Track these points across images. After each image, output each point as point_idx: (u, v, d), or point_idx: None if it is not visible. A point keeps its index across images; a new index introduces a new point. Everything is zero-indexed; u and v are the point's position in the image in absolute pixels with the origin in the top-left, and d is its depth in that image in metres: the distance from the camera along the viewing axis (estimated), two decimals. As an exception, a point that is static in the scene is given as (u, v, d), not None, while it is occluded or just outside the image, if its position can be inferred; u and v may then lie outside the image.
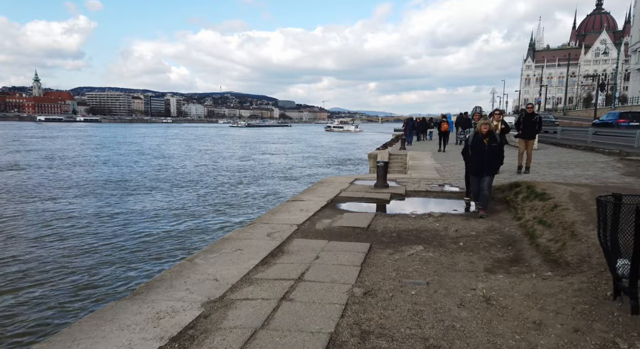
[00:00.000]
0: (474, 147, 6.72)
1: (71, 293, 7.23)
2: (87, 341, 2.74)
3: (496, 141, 6.64)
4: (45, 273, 8.12)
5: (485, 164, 6.63)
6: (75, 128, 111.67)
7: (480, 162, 6.67)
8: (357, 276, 3.97)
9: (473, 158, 6.76)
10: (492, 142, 6.61)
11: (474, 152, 6.73)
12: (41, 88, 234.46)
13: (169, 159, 34.65)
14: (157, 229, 11.95)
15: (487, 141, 6.58)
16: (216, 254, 4.60)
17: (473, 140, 6.72)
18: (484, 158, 6.62)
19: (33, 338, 5.66)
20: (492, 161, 6.65)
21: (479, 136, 6.65)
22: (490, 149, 6.61)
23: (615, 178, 9.34)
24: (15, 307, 6.62)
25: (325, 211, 6.99)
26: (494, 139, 6.63)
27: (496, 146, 6.64)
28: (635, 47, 51.40)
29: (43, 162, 29.52)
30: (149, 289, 3.61)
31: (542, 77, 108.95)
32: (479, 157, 6.65)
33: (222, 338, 2.81)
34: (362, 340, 2.81)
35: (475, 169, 6.77)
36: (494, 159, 6.67)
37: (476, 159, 6.70)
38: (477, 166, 6.73)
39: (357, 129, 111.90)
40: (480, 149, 6.64)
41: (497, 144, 6.64)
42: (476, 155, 6.69)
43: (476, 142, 6.67)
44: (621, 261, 2.99)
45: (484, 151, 6.62)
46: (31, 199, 15.93)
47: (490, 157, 6.62)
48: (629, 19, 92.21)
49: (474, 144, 6.72)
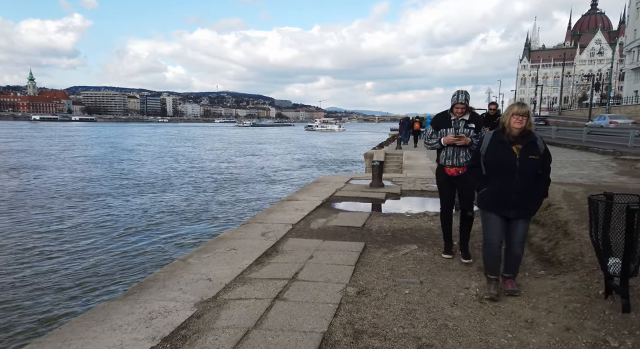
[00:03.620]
0: (495, 160, 3.38)
1: (62, 294, 7.19)
2: (77, 341, 2.72)
3: (537, 150, 3.31)
4: (34, 275, 8.06)
5: (515, 192, 3.31)
6: (61, 127, 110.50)
7: (505, 188, 3.33)
8: (351, 276, 3.97)
9: (491, 180, 3.43)
10: (530, 151, 3.29)
11: (494, 169, 3.39)
12: (36, 87, 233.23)
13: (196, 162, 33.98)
14: (153, 230, 11.91)
15: (518, 148, 3.30)
16: (210, 253, 4.59)
17: (490, 146, 3.42)
18: (514, 181, 3.30)
19: (23, 338, 5.62)
20: (527, 188, 3.32)
21: (502, 138, 3.36)
22: (525, 165, 3.28)
23: (609, 177, 9.39)
24: (4, 309, 6.57)
25: (320, 210, 6.99)
26: (532, 146, 3.31)
27: (536, 160, 3.30)
28: (630, 47, 51.76)
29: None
30: (142, 290, 3.59)
31: (537, 77, 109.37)
32: (504, 180, 3.33)
33: (214, 338, 2.80)
34: (354, 339, 2.81)
35: (496, 201, 3.40)
36: (531, 184, 3.33)
37: (498, 183, 3.37)
38: (499, 195, 3.37)
39: (340, 128, 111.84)
40: (507, 164, 3.31)
41: (537, 155, 3.31)
42: (498, 175, 3.37)
43: (498, 151, 3.37)
44: (612, 260, 3.00)
45: (513, 167, 3.29)
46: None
47: (525, 180, 3.30)
48: (623, 19, 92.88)
49: (493, 154, 3.39)
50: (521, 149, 3.26)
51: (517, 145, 3.28)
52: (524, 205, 3.33)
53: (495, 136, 3.39)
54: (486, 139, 3.44)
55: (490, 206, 3.43)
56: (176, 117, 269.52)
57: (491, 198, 3.39)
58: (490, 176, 3.40)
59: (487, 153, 3.38)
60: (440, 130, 4.22)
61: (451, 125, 4.19)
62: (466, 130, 4.16)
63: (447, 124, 4.21)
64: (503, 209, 3.36)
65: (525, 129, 3.26)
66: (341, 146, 54.64)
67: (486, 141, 3.43)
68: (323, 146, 54.52)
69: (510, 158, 3.27)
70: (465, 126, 4.17)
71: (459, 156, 4.22)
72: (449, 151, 4.22)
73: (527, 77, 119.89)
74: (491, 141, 3.39)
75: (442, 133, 4.21)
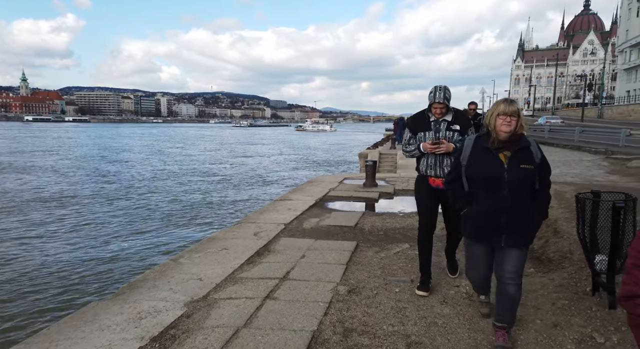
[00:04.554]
0: (478, 172, 2.62)
1: (50, 295, 7.14)
2: (65, 342, 2.71)
3: (530, 158, 2.55)
4: (22, 276, 7.99)
5: (504, 212, 2.55)
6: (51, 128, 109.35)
7: (492, 207, 2.58)
8: (342, 275, 3.98)
9: (474, 198, 2.67)
10: (522, 159, 2.54)
11: (478, 183, 2.65)
12: (29, 88, 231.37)
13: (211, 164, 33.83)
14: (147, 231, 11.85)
15: (506, 156, 2.55)
16: (201, 253, 4.58)
17: (472, 154, 2.66)
18: (502, 198, 2.54)
19: (10, 338, 5.58)
20: (520, 207, 2.55)
21: (486, 143, 2.61)
22: (516, 176, 2.52)
23: (600, 176, 9.48)
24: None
25: (313, 210, 6.99)
26: (525, 153, 2.56)
27: (529, 170, 2.54)
28: (622, 47, 52.26)
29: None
30: (132, 290, 3.58)
31: (531, 77, 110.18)
32: (490, 197, 2.58)
33: (203, 337, 2.79)
34: (344, 338, 2.82)
35: (482, 225, 2.65)
36: (524, 202, 2.56)
37: (483, 201, 2.62)
38: (485, 216, 2.62)
39: (332, 129, 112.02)
40: (492, 176, 2.56)
41: (531, 164, 2.54)
42: (483, 191, 2.62)
43: (481, 160, 2.62)
44: (599, 257, 3.04)
45: (500, 179, 2.54)
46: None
47: (516, 196, 2.53)
48: (615, 19, 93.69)
49: (476, 164, 2.64)
50: (510, 156, 2.49)
51: (505, 152, 2.51)
52: (517, 229, 2.50)
53: (478, 142, 2.61)
54: (467, 146, 2.66)
55: (474, 232, 2.67)
56: (171, 117, 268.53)
57: (475, 221, 2.62)
58: (473, 192, 2.63)
59: (469, 163, 2.61)
60: (419, 134, 3.46)
61: (430, 127, 3.42)
62: (449, 133, 3.35)
63: (425, 126, 3.44)
64: (490, 235, 2.57)
65: (515, 133, 2.49)
66: (335, 146, 54.66)
67: (467, 148, 2.65)
68: (317, 146, 54.51)
69: (496, 168, 2.49)
70: (448, 128, 3.36)
71: (442, 165, 3.36)
72: (430, 159, 3.41)
73: (520, 78, 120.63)
74: (473, 148, 2.61)
75: (421, 138, 3.45)
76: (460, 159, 2.70)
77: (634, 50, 49.09)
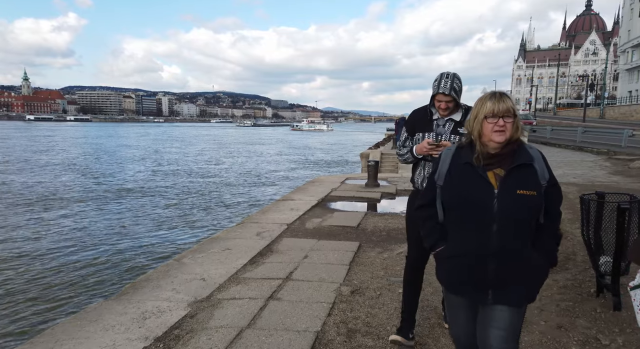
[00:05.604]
0: (458, 197, 1.72)
1: (55, 295, 7.15)
2: (70, 341, 2.71)
3: (533, 179, 1.67)
4: (26, 276, 8.01)
5: (493, 256, 1.65)
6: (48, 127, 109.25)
7: (476, 249, 1.68)
8: (345, 275, 3.98)
9: (452, 234, 1.79)
10: (521, 181, 1.65)
11: (457, 213, 1.74)
12: (30, 87, 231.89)
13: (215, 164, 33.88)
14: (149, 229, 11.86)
15: (498, 176, 1.67)
16: (204, 253, 4.58)
17: (451, 172, 1.77)
18: (491, 237, 1.65)
19: (15, 338, 5.59)
20: (515, 249, 1.66)
21: (469, 157, 1.72)
22: (510, 205, 1.63)
23: (602, 177, 9.47)
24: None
25: (316, 210, 6.99)
26: (525, 171, 1.67)
27: (532, 198, 1.64)
28: (624, 47, 52.15)
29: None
30: (135, 290, 3.58)
31: (532, 77, 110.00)
32: (474, 234, 1.68)
33: (207, 337, 2.80)
34: (348, 338, 2.81)
35: (462, 273, 1.74)
36: (521, 242, 1.67)
37: (464, 240, 1.72)
38: (466, 261, 1.71)
39: (328, 128, 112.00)
40: (477, 205, 1.67)
41: (533, 190, 1.64)
42: (464, 224, 1.72)
43: (463, 181, 1.72)
44: (604, 258, 3.03)
45: (488, 210, 1.64)
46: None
47: (510, 234, 1.65)
48: (617, 20, 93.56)
49: (455, 187, 1.73)
50: (504, 177, 1.65)
51: (496, 170, 1.68)
52: (511, 282, 1.67)
53: (459, 154, 1.77)
54: (444, 160, 1.80)
55: (450, 283, 1.81)
56: (172, 117, 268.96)
57: (452, 268, 1.76)
58: (451, 225, 1.77)
59: (446, 185, 1.75)
60: (417, 135, 2.69)
61: (432, 127, 2.64)
62: (454, 137, 2.52)
63: (426, 126, 2.66)
64: (473, 288, 1.72)
65: (510, 140, 1.67)
66: (336, 146, 54.65)
67: (444, 162, 1.80)
68: (316, 146, 54.48)
69: (482, 194, 1.65)
70: (454, 130, 2.56)
71: None
72: (429, 168, 2.58)
73: (522, 78, 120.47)
74: (452, 164, 1.76)
75: (418, 140, 2.67)
76: (434, 178, 1.82)
77: (636, 51, 48.99)
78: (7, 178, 21.91)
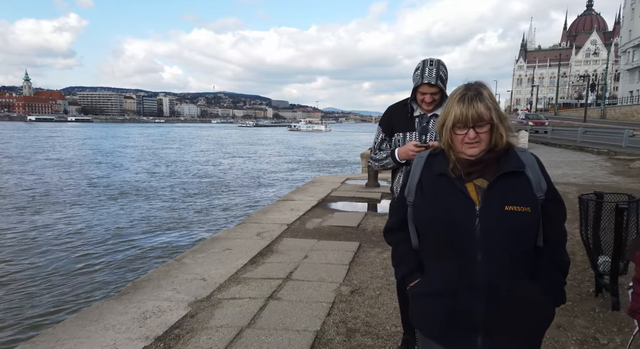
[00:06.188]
0: (429, 218, 1.33)
1: (56, 294, 7.17)
2: (71, 341, 2.73)
3: (526, 190, 1.29)
4: (26, 276, 8.03)
5: (479, 295, 1.25)
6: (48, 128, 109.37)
7: (457, 286, 1.28)
8: (345, 275, 3.99)
9: (428, 264, 1.40)
10: (509, 193, 1.27)
11: (431, 239, 1.36)
12: (31, 88, 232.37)
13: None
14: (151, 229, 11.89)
15: (479, 190, 1.29)
16: (205, 254, 4.60)
17: (423, 185, 1.38)
18: (476, 267, 1.25)
19: (16, 337, 5.61)
20: (506, 283, 1.26)
21: (443, 167, 1.35)
22: (496, 228, 1.24)
23: (603, 177, 9.47)
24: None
25: (316, 210, 7.01)
26: (514, 181, 1.29)
27: (525, 215, 1.25)
28: (625, 48, 52.12)
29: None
30: (136, 289, 3.60)
31: (533, 78, 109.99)
32: (453, 269, 1.29)
33: (207, 337, 2.81)
34: (347, 338, 2.83)
35: (441, 314, 1.31)
36: (515, 273, 1.27)
37: (443, 275, 1.32)
38: (446, 299, 1.30)
39: (327, 128, 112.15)
40: (455, 230, 1.27)
41: (527, 205, 1.25)
42: (441, 252, 1.33)
43: (438, 197, 1.32)
44: (602, 258, 3.05)
45: (468, 233, 1.25)
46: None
47: (499, 264, 1.25)
48: (618, 20, 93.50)
49: (426, 203, 1.35)
50: (487, 189, 1.29)
51: (477, 181, 1.32)
52: (505, 326, 1.29)
53: (430, 164, 1.40)
54: (414, 171, 1.43)
55: (429, 327, 1.38)
56: (173, 117, 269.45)
57: (431, 308, 1.35)
58: (426, 254, 1.41)
59: (417, 202, 1.38)
60: (395, 135, 2.30)
61: (414, 126, 2.27)
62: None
63: (407, 124, 2.28)
64: (457, 334, 1.32)
65: (492, 149, 1.31)
66: (337, 147, 54.65)
67: (414, 174, 1.42)
68: (315, 147, 54.46)
69: (460, 213, 1.28)
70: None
71: None
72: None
73: (523, 78, 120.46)
74: (424, 175, 1.40)
75: (399, 141, 2.28)
76: (405, 192, 1.44)
77: (637, 51, 48.97)
78: (7, 178, 22.01)
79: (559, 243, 1.39)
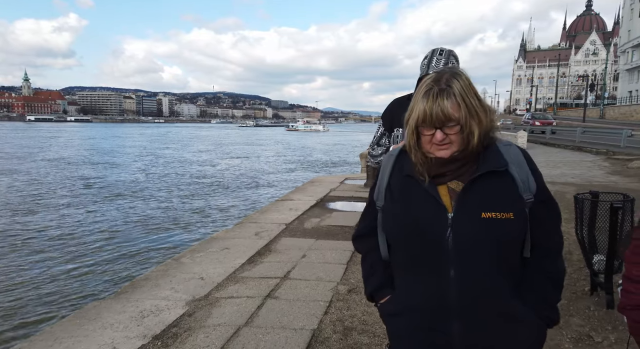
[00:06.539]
0: (396, 226, 1.15)
1: (53, 293, 7.18)
2: (69, 340, 2.75)
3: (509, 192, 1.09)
4: (25, 275, 8.04)
5: (454, 314, 1.09)
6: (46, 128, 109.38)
7: (430, 304, 1.11)
8: (342, 274, 4.01)
9: (398, 277, 1.22)
10: (490, 201, 1.07)
11: (400, 250, 1.18)
12: (31, 88, 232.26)
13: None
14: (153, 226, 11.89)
15: (453, 193, 1.11)
16: (203, 253, 4.62)
17: (392, 188, 1.19)
18: (450, 284, 1.08)
19: (14, 336, 5.62)
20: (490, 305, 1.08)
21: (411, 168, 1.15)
22: (474, 239, 1.06)
23: (601, 177, 9.50)
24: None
25: (315, 210, 7.03)
26: (498, 186, 1.09)
27: (509, 225, 1.06)
28: (624, 48, 52.18)
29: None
30: (134, 288, 3.62)
31: (533, 78, 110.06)
32: (424, 284, 1.12)
33: (205, 335, 2.83)
34: (344, 336, 2.85)
35: (415, 333, 1.15)
36: (496, 289, 1.08)
37: (414, 291, 1.14)
38: (418, 322, 1.14)
39: (325, 129, 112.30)
40: (425, 239, 1.09)
41: (509, 211, 1.06)
42: (411, 265, 1.15)
43: (406, 201, 1.14)
44: (597, 257, 3.06)
45: (441, 247, 1.07)
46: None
47: (479, 284, 1.07)
48: (617, 20, 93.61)
49: (395, 208, 1.16)
50: (462, 192, 1.10)
51: (450, 183, 1.12)
52: (486, 347, 1.11)
53: (400, 163, 1.21)
54: (383, 171, 1.24)
55: (405, 347, 1.20)
56: (172, 117, 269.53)
57: (404, 329, 1.18)
58: (396, 267, 1.23)
59: (386, 207, 1.20)
60: (395, 131, 2.14)
61: None
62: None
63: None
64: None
65: (468, 148, 1.09)
66: (336, 147, 54.65)
67: (384, 173, 1.24)
68: (315, 147, 54.44)
69: (430, 221, 1.09)
70: None
71: None
72: None
73: (522, 78, 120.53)
74: (393, 176, 1.21)
75: (397, 137, 2.13)
76: (374, 195, 1.26)
77: (636, 51, 49.02)
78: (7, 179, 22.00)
79: (551, 251, 1.17)
